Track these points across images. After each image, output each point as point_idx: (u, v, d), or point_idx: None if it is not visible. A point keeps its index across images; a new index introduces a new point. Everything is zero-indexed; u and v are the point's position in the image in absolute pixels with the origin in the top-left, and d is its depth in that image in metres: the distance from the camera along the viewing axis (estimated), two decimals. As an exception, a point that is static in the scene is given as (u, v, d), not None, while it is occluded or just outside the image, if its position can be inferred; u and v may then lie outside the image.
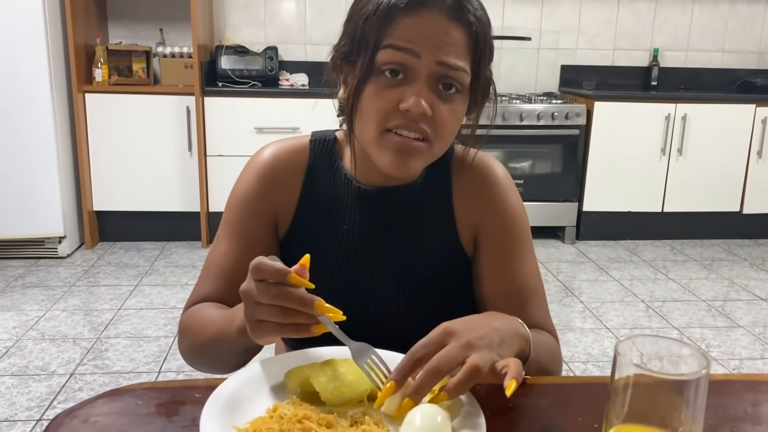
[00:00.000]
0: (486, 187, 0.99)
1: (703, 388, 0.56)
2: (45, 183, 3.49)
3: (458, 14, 0.84)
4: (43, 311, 2.92)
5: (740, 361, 2.63)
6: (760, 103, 4.00)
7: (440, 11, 0.83)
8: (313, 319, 0.72)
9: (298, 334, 0.73)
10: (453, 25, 0.84)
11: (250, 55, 3.85)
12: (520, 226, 0.99)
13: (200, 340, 0.91)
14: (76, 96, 3.56)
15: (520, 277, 0.97)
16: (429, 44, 0.83)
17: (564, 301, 3.15)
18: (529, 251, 1.00)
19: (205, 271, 1.00)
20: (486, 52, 0.89)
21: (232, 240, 0.98)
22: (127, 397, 0.77)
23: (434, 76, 0.84)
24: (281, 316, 0.71)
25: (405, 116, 0.84)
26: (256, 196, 0.99)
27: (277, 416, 0.70)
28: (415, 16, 0.83)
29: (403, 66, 0.84)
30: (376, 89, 0.85)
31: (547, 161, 3.99)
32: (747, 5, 4.47)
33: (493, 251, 0.98)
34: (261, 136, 3.68)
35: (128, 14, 4.05)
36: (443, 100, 0.85)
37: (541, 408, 0.78)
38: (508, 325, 0.80)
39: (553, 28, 4.38)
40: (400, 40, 0.83)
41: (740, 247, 4.11)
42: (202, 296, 0.98)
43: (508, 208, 0.99)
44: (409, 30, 0.83)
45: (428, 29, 0.83)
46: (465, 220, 0.99)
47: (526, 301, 0.96)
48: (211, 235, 3.86)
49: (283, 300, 0.70)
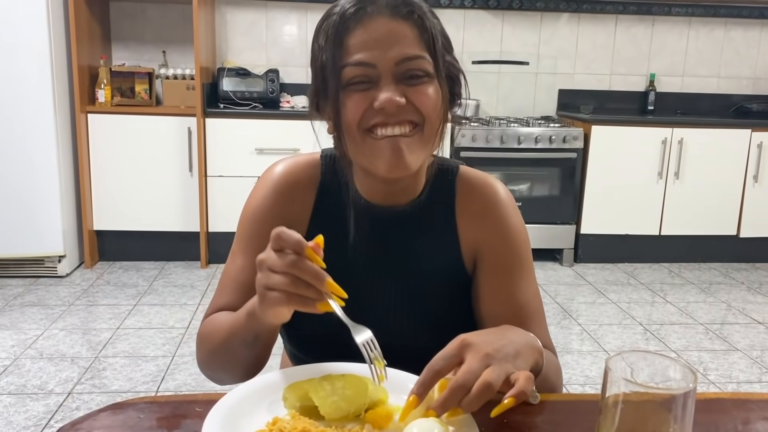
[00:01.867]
0: (489, 207, 1.01)
1: (690, 403, 0.58)
2: (46, 202, 3.51)
3: (399, 11, 0.87)
4: (41, 330, 2.92)
5: (738, 385, 2.63)
6: (756, 128, 4.04)
7: (382, 14, 0.87)
8: (320, 296, 0.75)
9: (303, 307, 0.75)
10: (397, 22, 0.87)
11: (251, 77, 3.89)
12: (521, 246, 1.00)
13: (215, 342, 0.93)
14: (79, 116, 3.60)
15: (521, 297, 0.98)
16: (381, 50, 0.86)
17: (562, 324, 3.16)
18: (529, 272, 1.01)
19: (222, 285, 1.02)
20: (438, 38, 0.90)
21: (246, 254, 1.00)
22: (129, 411, 0.78)
23: (398, 74, 0.87)
24: (291, 285, 0.74)
25: (382, 113, 0.87)
26: (270, 210, 1.01)
27: (276, 430, 0.71)
28: (361, 28, 0.87)
29: (366, 76, 0.87)
30: (347, 104, 0.89)
31: (545, 184, 4.01)
32: (742, 32, 4.53)
33: (494, 271, 0.99)
34: (262, 158, 3.71)
35: (132, 36, 4.11)
36: (415, 86, 0.88)
37: (536, 425, 0.80)
38: (522, 338, 0.81)
39: (550, 53, 4.44)
40: (354, 55, 0.86)
41: (737, 271, 4.12)
42: (220, 308, 0.99)
43: (509, 228, 1.00)
44: (359, 43, 0.86)
45: (376, 36, 0.86)
46: (467, 238, 1.01)
47: (526, 321, 0.97)
48: (210, 255, 3.87)
49: (298, 270, 0.73)
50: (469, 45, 4.33)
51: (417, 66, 0.88)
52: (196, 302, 3.32)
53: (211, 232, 3.84)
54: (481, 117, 4.25)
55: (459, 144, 3.83)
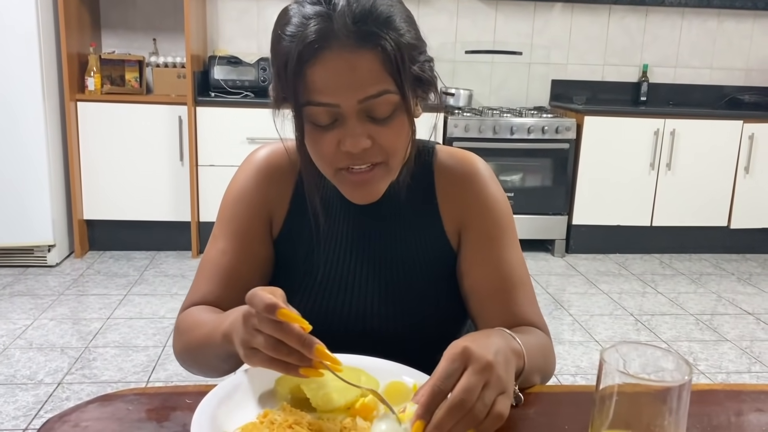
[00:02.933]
0: (467, 180, 1.00)
1: (685, 395, 0.57)
2: (35, 191, 3.48)
3: (359, 41, 0.80)
4: (31, 320, 2.90)
5: (727, 375, 2.65)
6: (748, 119, 4.05)
7: (341, 48, 0.80)
8: (305, 361, 0.71)
9: (287, 371, 0.72)
10: (358, 54, 0.80)
11: (242, 66, 3.86)
12: (502, 215, 1.00)
13: (191, 342, 0.92)
14: (68, 105, 3.56)
15: (505, 266, 0.98)
16: (342, 89, 0.81)
17: (553, 314, 3.16)
18: (513, 241, 1.00)
19: (202, 271, 1.00)
20: (406, 55, 0.83)
21: (228, 238, 0.99)
22: (117, 403, 0.77)
23: (362, 112, 0.83)
24: (274, 349, 0.70)
25: (349, 155, 0.85)
26: (252, 193, 1.00)
27: (267, 422, 0.70)
28: (320, 64, 0.80)
29: (330, 114, 0.83)
30: (313, 138, 0.86)
31: (537, 175, 4.01)
32: (735, 23, 4.53)
33: (477, 242, 0.99)
34: (253, 147, 3.63)
35: (122, 24, 4.06)
36: (381, 125, 0.84)
37: (528, 417, 0.79)
38: (504, 342, 0.76)
39: (544, 43, 4.43)
40: (315, 94, 0.82)
41: (728, 262, 4.14)
42: (200, 296, 0.98)
43: (489, 198, 1.00)
44: (320, 81, 0.81)
45: (336, 73, 0.80)
46: (450, 215, 1.01)
47: (513, 290, 0.97)
48: (201, 245, 3.85)
49: (282, 334, 0.70)
50: (462, 34, 4.31)
51: (381, 103, 0.83)
52: (187, 292, 3.30)
53: (202, 222, 3.82)
54: (473, 107, 4.24)
55: (451, 134, 3.82)
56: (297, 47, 0.80)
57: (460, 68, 4.36)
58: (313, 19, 0.80)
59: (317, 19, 0.80)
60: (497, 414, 0.67)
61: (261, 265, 1.00)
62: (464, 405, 0.65)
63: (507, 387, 0.69)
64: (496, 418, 0.67)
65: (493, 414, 0.67)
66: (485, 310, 0.97)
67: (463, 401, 0.65)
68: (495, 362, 0.68)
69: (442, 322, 1.02)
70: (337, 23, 0.80)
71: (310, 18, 0.81)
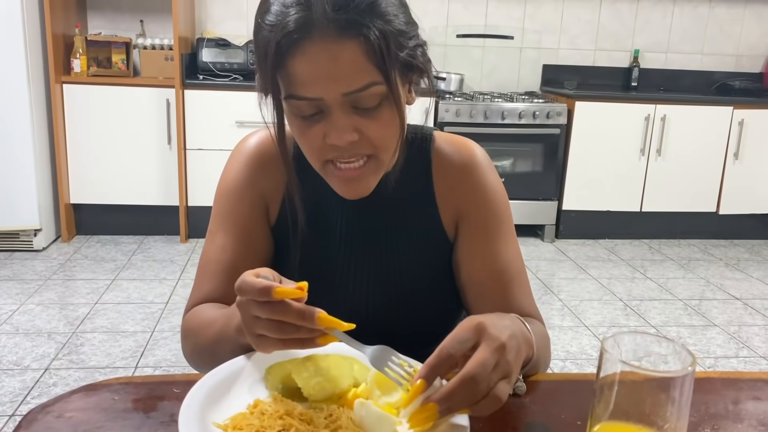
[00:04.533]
0: (465, 169, 0.98)
1: (688, 385, 0.56)
2: (21, 175, 3.43)
3: (340, 30, 0.76)
4: (17, 305, 2.86)
5: (715, 360, 2.66)
6: (738, 105, 4.05)
7: (322, 38, 0.76)
8: (315, 332, 0.69)
9: (303, 347, 0.71)
10: (340, 44, 0.76)
11: (231, 49, 3.81)
12: (500, 206, 0.98)
13: (202, 342, 0.89)
14: (54, 87, 3.50)
15: (501, 258, 0.96)
16: (325, 81, 0.77)
17: (543, 299, 3.16)
18: (510, 232, 0.99)
19: (202, 269, 0.97)
20: (392, 42, 0.78)
21: (227, 232, 0.97)
22: (103, 392, 0.75)
23: (347, 104, 0.79)
24: (279, 331, 0.69)
25: (336, 148, 0.82)
26: (246, 184, 0.97)
27: (258, 412, 0.69)
28: (301, 55, 0.76)
29: (314, 107, 0.80)
30: (299, 130, 0.83)
31: (528, 160, 4.00)
32: (726, 9, 4.52)
33: (473, 233, 0.97)
34: (242, 130, 3.64)
35: (108, 5, 3.99)
36: (368, 116, 0.80)
37: (524, 405, 0.78)
38: (518, 329, 0.74)
39: (535, 28, 4.40)
40: (297, 87, 0.78)
41: (716, 248, 4.16)
42: (204, 295, 0.95)
43: (487, 188, 0.98)
44: (302, 73, 0.77)
45: (318, 65, 0.76)
46: (446, 204, 0.99)
47: (510, 282, 0.96)
48: (190, 229, 3.82)
49: (281, 315, 0.68)
50: (454, 18, 4.28)
51: (367, 95, 0.78)
52: (176, 277, 3.27)
53: (190, 206, 3.78)
54: (464, 92, 4.21)
55: (442, 119, 3.80)
56: (276, 37, 0.76)
57: (452, 52, 4.32)
58: (293, 8, 0.76)
59: (296, 8, 0.76)
60: (496, 396, 0.65)
61: (262, 256, 0.98)
62: (475, 380, 0.64)
63: (512, 373, 0.68)
64: (493, 399, 0.65)
65: (492, 395, 0.65)
66: (481, 302, 0.96)
67: (477, 375, 0.64)
68: (508, 346, 0.67)
69: (436, 313, 1.00)
70: (316, 11, 0.75)
71: (290, 6, 0.76)
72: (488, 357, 0.65)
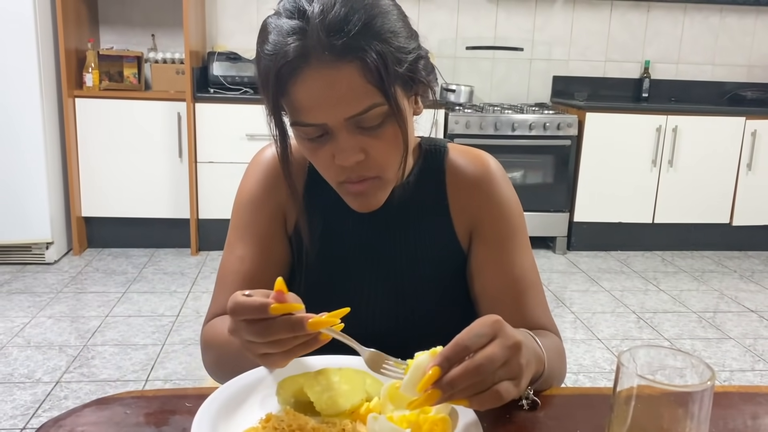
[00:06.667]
0: (480, 181, 0.98)
1: (707, 400, 0.55)
2: (33, 188, 3.45)
3: (336, 55, 0.76)
4: (29, 318, 2.87)
5: (731, 373, 2.63)
6: (750, 115, 4.02)
7: (319, 65, 0.76)
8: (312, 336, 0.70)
9: (308, 350, 0.71)
10: (337, 69, 0.76)
11: (242, 62, 3.83)
12: (514, 218, 0.98)
13: (222, 354, 0.89)
14: (66, 101, 3.53)
15: (516, 269, 0.96)
16: (326, 108, 0.78)
17: (555, 312, 3.14)
18: (524, 243, 0.99)
19: (222, 280, 0.97)
20: (390, 61, 0.78)
21: (245, 244, 0.97)
22: (115, 406, 0.75)
23: (351, 126, 0.80)
24: (278, 346, 0.69)
25: (343, 168, 0.83)
26: (264, 195, 0.98)
27: (270, 427, 0.68)
28: (301, 83, 0.77)
29: (319, 130, 0.81)
30: (309, 153, 0.85)
31: (539, 171, 3.99)
32: (737, 19, 4.50)
33: (488, 244, 0.97)
34: (252, 143, 3.66)
35: (120, 19, 4.03)
36: (372, 135, 0.81)
37: (538, 420, 0.77)
38: (530, 341, 0.75)
39: (545, 39, 4.40)
40: (301, 114, 0.79)
41: (730, 259, 4.12)
42: (223, 307, 0.95)
43: (501, 199, 0.98)
44: (303, 100, 0.78)
45: (318, 92, 0.77)
46: (460, 215, 0.98)
47: (524, 293, 0.95)
48: (200, 242, 3.83)
49: (272, 334, 0.68)
50: (463, 30, 4.29)
51: (369, 117, 0.79)
52: (186, 290, 3.28)
53: (201, 219, 3.80)
54: (474, 103, 4.21)
55: (452, 131, 3.80)
56: (275, 66, 0.77)
57: (461, 64, 4.33)
58: (290, 37, 0.77)
59: (293, 36, 0.76)
60: (496, 392, 0.65)
61: (281, 267, 0.98)
62: (480, 371, 0.64)
63: (520, 376, 0.68)
64: (493, 395, 0.65)
65: (493, 390, 0.65)
66: (496, 313, 0.95)
67: (481, 367, 0.64)
68: (524, 348, 0.68)
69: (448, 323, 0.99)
70: (311, 39, 0.76)
71: (288, 35, 0.77)
72: (498, 352, 0.65)
